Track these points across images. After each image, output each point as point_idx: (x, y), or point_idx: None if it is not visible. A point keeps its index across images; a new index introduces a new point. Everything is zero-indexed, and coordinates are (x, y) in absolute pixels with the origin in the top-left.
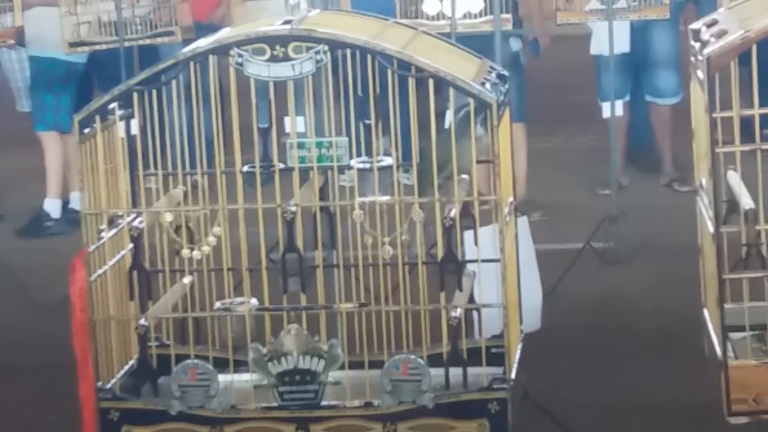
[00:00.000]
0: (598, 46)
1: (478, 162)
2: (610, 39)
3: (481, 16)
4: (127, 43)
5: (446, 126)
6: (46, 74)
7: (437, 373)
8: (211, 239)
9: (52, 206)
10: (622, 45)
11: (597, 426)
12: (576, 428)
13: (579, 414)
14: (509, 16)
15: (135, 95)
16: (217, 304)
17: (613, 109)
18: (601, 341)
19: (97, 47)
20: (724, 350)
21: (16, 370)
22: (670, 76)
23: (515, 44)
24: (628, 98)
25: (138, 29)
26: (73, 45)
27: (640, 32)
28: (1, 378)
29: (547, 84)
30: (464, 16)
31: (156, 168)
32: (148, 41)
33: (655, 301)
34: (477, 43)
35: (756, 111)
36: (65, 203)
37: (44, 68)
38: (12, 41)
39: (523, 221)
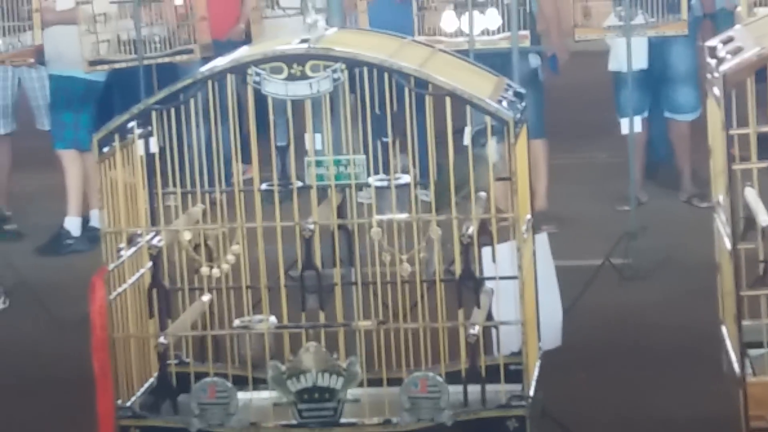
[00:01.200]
0: (617, 62)
1: (496, 180)
2: (628, 55)
3: (498, 32)
4: (146, 61)
5: (465, 143)
6: (66, 92)
7: (456, 390)
8: (230, 257)
9: (73, 224)
10: (641, 61)
11: None
12: None
13: (596, 430)
14: (527, 32)
15: (154, 114)
16: (236, 322)
17: (632, 125)
18: (621, 357)
19: (117, 65)
20: (743, 367)
21: (36, 387)
22: (689, 92)
23: (534, 60)
24: (646, 114)
25: (157, 47)
26: (92, 63)
27: (658, 48)
28: (20, 394)
29: (566, 100)
30: (482, 33)
31: (174, 186)
32: (167, 59)
33: (674, 317)
34: (495, 60)
35: None
36: (85, 221)
37: (63, 86)
38: (32, 60)
39: (543, 238)
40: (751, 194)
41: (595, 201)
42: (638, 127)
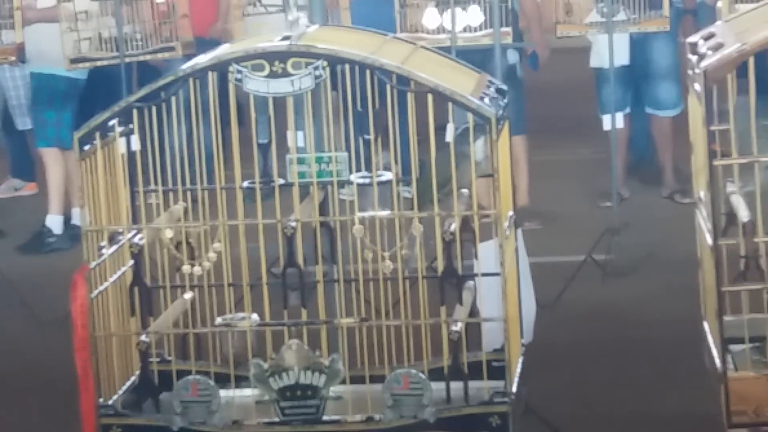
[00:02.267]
0: (598, 58)
1: (479, 177)
2: (610, 51)
3: (481, 29)
4: (128, 59)
5: (447, 140)
6: (48, 90)
7: (438, 387)
8: (212, 255)
9: (54, 222)
10: (622, 57)
11: None
12: None
13: (579, 427)
14: (509, 29)
15: (135, 112)
16: (218, 320)
17: (614, 121)
18: (603, 353)
19: (98, 63)
20: (724, 362)
21: (17, 386)
22: (670, 88)
23: (512, 56)
24: (628, 110)
25: (139, 45)
26: (74, 61)
27: (639, 45)
28: (1, 394)
29: (548, 97)
30: (464, 30)
31: (156, 184)
32: (149, 57)
33: (656, 312)
34: (476, 57)
35: (753, 124)
36: (67, 219)
37: (45, 84)
38: (13, 58)
39: (517, 234)
40: (732, 190)
41: (577, 197)
42: (620, 123)
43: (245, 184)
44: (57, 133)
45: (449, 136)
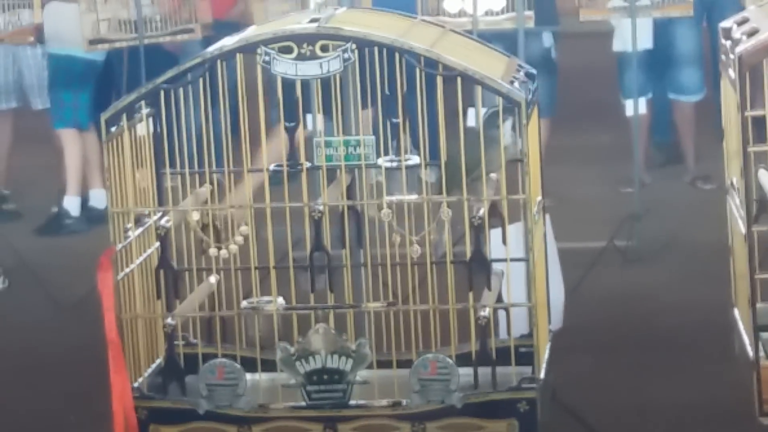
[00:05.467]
0: (621, 43)
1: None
2: (633, 36)
3: (503, 13)
4: (147, 41)
5: (470, 124)
6: (65, 72)
7: (466, 372)
8: (238, 238)
9: (72, 204)
10: (645, 42)
11: (622, 426)
12: (599, 427)
13: (603, 413)
14: (531, 13)
15: (162, 93)
16: (244, 303)
17: (636, 106)
18: (624, 340)
19: (117, 44)
20: (756, 350)
21: (35, 369)
22: (693, 73)
23: (547, 40)
24: (650, 95)
25: (158, 26)
26: (92, 42)
27: (662, 29)
28: (20, 376)
29: (570, 81)
30: (486, 14)
31: (178, 166)
32: (168, 38)
33: (678, 299)
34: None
35: None
36: (84, 201)
37: (63, 66)
38: (32, 38)
39: (547, 219)
40: (765, 176)
41: (598, 183)
42: (643, 108)
43: (272, 167)
44: (74, 114)
45: (473, 120)
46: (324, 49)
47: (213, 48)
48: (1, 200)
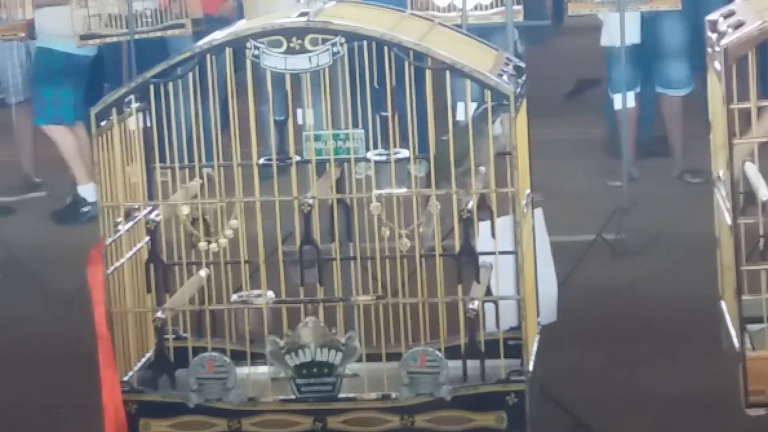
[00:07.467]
0: (609, 37)
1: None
2: (621, 30)
3: (491, 7)
4: (137, 36)
5: (457, 118)
6: (45, 66)
7: (455, 365)
8: (228, 232)
9: (87, 191)
10: (633, 36)
11: (611, 418)
12: (588, 420)
13: (591, 405)
14: (520, 7)
15: (151, 88)
16: (234, 297)
17: (625, 100)
18: (613, 333)
19: (107, 40)
20: (742, 342)
21: (28, 363)
22: (681, 67)
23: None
24: (639, 90)
25: (149, 22)
26: (83, 38)
27: (650, 23)
28: (12, 370)
29: (558, 75)
30: (475, 8)
31: (168, 161)
32: (158, 34)
33: (666, 292)
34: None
35: None
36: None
37: (44, 60)
38: (23, 34)
39: (539, 213)
40: (751, 169)
41: (587, 177)
42: (631, 102)
43: (261, 161)
44: (55, 110)
45: (460, 114)
46: (313, 43)
47: (202, 42)
48: (31, 188)
